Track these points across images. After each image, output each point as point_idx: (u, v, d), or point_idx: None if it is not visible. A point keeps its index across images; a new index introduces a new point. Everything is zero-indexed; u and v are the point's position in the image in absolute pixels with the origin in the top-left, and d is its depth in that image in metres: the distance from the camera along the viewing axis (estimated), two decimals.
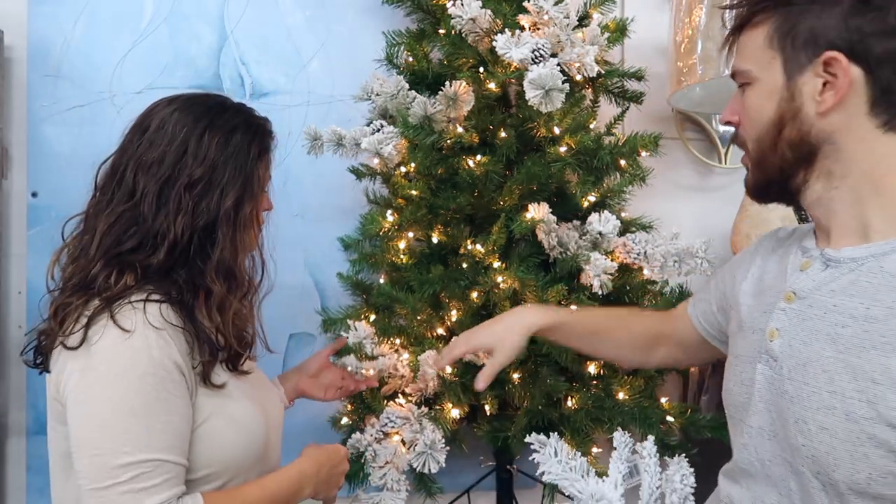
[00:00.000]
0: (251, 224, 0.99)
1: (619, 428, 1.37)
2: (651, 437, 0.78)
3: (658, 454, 0.78)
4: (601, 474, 0.73)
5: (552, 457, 0.73)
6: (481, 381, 1.04)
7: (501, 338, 1.05)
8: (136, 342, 0.83)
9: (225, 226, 0.94)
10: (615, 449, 0.79)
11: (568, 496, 0.73)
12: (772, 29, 0.74)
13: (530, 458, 0.75)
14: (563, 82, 1.17)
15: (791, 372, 0.75)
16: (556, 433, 0.76)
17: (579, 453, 0.74)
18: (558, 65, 1.22)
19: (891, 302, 0.67)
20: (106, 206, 0.92)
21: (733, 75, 0.82)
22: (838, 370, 0.69)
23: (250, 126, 0.99)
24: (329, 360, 1.35)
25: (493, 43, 1.23)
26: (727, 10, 0.79)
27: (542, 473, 0.73)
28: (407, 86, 1.39)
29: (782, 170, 0.76)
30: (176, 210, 0.91)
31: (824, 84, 0.71)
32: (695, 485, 0.77)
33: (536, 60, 1.22)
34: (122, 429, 0.81)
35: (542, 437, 0.75)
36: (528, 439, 0.76)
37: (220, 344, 0.93)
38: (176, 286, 0.92)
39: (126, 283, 0.88)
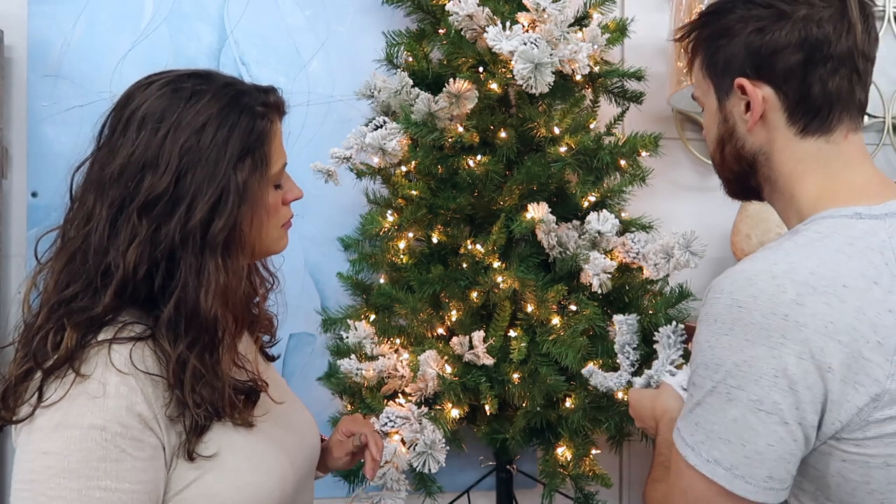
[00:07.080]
0: (230, 246, 0.77)
1: (623, 424, 1.38)
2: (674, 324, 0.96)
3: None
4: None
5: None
6: None
7: None
8: (90, 387, 0.69)
9: (189, 250, 0.74)
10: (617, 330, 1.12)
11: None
12: (702, 61, 0.84)
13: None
14: (552, 72, 1.16)
15: None
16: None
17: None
18: (551, 55, 1.22)
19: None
20: (63, 241, 0.76)
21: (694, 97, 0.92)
22: None
23: (227, 116, 0.77)
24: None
25: (485, 35, 1.22)
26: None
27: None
28: (411, 82, 1.39)
29: (737, 179, 0.85)
30: (130, 239, 0.72)
31: (746, 105, 0.79)
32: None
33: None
34: (52, 492, 0.66)
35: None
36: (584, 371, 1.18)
37: (202, 417, 0.74)
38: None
39: (67, 345, 0.70)
